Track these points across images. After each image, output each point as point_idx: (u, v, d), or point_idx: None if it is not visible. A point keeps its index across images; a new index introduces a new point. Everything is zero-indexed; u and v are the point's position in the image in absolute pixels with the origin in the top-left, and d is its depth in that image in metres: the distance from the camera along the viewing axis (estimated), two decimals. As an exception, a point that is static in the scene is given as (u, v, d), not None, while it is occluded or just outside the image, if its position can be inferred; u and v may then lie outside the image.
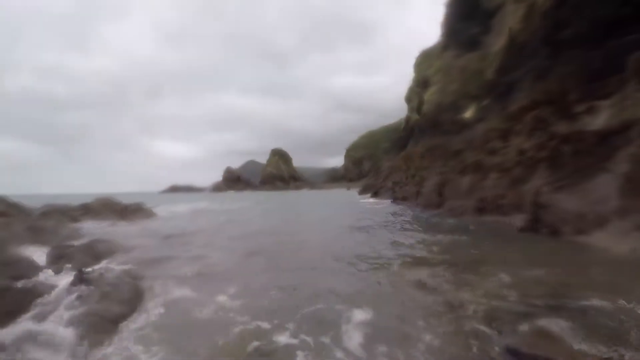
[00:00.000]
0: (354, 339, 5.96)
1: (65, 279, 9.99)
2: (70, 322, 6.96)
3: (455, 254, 11.59)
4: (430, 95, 56.40)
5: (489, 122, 29.91)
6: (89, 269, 10.08)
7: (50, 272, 10.93)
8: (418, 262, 10.58)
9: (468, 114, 41.98)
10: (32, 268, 10.66)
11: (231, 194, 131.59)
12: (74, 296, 8.04)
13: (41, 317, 7.31)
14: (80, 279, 8.99)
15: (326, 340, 5.96)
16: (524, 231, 14.57)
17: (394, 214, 25.76)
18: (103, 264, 12.05)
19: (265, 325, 6.78)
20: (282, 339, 6.14)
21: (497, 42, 38.32)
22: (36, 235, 16.87)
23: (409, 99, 75.82)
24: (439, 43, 65.26)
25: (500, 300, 7.22)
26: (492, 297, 7.42)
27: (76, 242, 14.82)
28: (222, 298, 8.77)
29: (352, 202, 45.71)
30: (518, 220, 15.48)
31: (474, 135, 29.71)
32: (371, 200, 46.85)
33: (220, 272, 11.44)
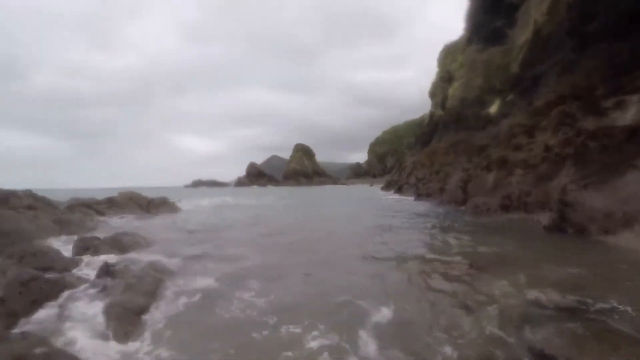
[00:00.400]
0: (369, 344, 5.84)
1: (90, 271, 10.20)
2: (95, 313, 7.13)
3: (478, 252, 11.42)
4: (454, 90, 55.88)
5: (514, 117, 29.50)
6: (114, 262, 10.20)
7: (76, 263, 11.11)
8: (440, 260, 10.41)
9: (493, 109, 41.48)
10: (59, 259, 10.86)
11: (254, 189, 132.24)
12: (99, 288, 8.27)
13: (67, 308, 7.46)
14: (106, 271, 9.14)
15: (346, 344, 5.85)
16: (549, 230, 14.30)
17: (417, 210, 25.59)
18: (128, 256, 12.27)
19: (294, 329, 6.69)
20: (313, 343, 6.04)
21: (521, 36, 37.76)
22: (62, 227, 17.21)
23: (432, 93, 75.27)
24: (463, 37, 64.66)
25: (524, 301, 7.07)
26: (515, 298, 7.29)
27: (101, 235, 14.99)
28: (246, 293, 8.85)
29: (375, 198, 45.60)
30: (543, 218, 15.21)
31: (499, 131, 29.36)
32: (394, 196, 46.59)
33: (245, 266, 11.52)
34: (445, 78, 66.84)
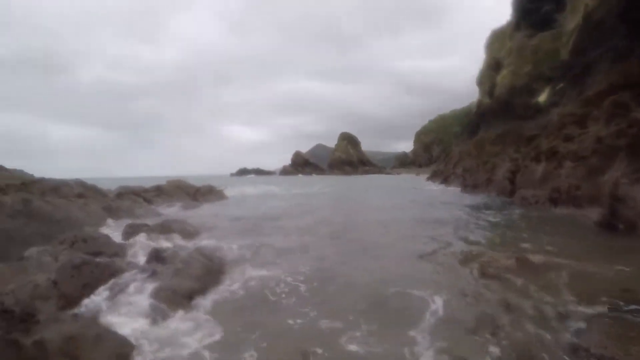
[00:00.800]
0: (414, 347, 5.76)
1: (140, 257, 10.52)
2: (144, 296, 7.34)
3: (525, 247, 11.25)
4: (502, 77, 54.79)
5: (564, 106, 28.87)
6: (163, 247, 10.42)
7: (125, 249, 11.42)
8: (486, 253, 10.29)
9: (542, 97, 40.65)
10: (109, 245, 11.17)
11: (300, 178, 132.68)
12: (148, 272, 8.46)
13: (117, 291, 7.68)
14: (155, 256, 9.39)
15: (386, 350, 5.81)
16: (599, 226, 13.78)
17: (463, 202, 25.32)
18: (176, 242, 12.57)
19: (334, 324, 6.68)
20: (351, 347, 5.91)
21: (571, 21, 36.80)
22: (112, 215, 17.67)
23: (480, 81, 73.85)
24: (511, 22, 63.35)
25: (569, 299, 6.97)
26: (560, 295, 7.20)
27: (150, 222, 15.37)
28: (293, 282, 8.99)
29: (421, 188, 45.25)
30: (593, 213, 14.75)
31: (549, 121, 28.72)
32: (440, 187, 46.15)
33: (292, 254, 11.71)
34: (492, 65, 65.54)
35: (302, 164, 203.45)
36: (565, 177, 18.98)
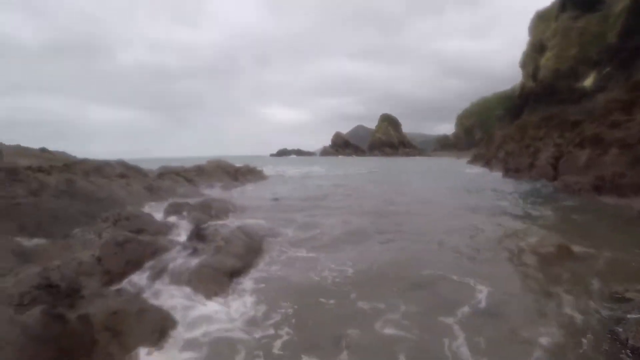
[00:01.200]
0: (453, 339, 5.70)
1: (181, 235, 10.76)
2: (185, 273, 7.49)
3: (566, 234, 11.05)
4: (546, 60, 53.48)
5: (610, 91, 28.17)
6: (204, 225, 10.56)
7: (167, 227, 11.62)
8: (527, 241, 10.17)
9: (588, 82, 39.59)
10: (151, 223, 11.45)
11: (340, 159, 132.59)
12: (189, 250, 8.58)
13: (159, 268, 7.87)
14: (196, 234, 9.52)
15: (421, 337, 5.78)
16: (645, 216, 13.44)
17: (506, 188, 24.97)
18: (217, 221, 12.65)
19: (374, 304, 6.75)
20: (387, 330, 5.94)
21: (619, 2, 35.75)
22: (153, 194, 17.93)
23: (523, 64, 72.27)
24: (556, 3, 61.77)
25: (609, 289, 6.85)
26: (601, 284, 7.11)
27: (191, 201, 15.55)
28: (334, 262, 9.10)
29: (462, 172, 44.75)
30: (638, 203, 14.43)
31: (594, 106, 28.07)
32: (482, 170, 45.58)
33: (334, 235, 11.81)
34: (537, 47, 63.98)
35: (342, 145, 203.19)
36: (610, 164, 18.53)
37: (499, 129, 73.94)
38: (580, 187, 19.85)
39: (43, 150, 30.63)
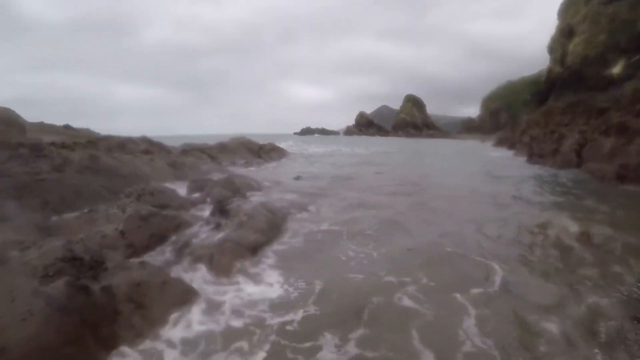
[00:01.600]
0: (467, 319, 5.71)
1: (204, 210, 10.84)
2: (208, 247, 7.53)
3: (588, 221, 10.91)
4: (575, 46, 52.56)
5: (639, 80, 27.67)
6: (227, 201, 10.65)
7: (190, 202, 11.75)
8: (551, 225, 10.08)
9: (616, 69, 38.83)
10: (174, 198, 11.61)
11: (363, 139, 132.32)
12: (212, 225, 8.72)
13: (182, 242, 8.00)
14: (219, 209, 9.60)
15: (438, 314, 5.82)
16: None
17: (529, 173, 24.74)
18: (240, 197, 12.68)
19: (395, 278, 6.86)
20: (406, 301, 6.09)
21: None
22: (177, 170, 18.05)
23: (551, 49, 71.02)
24: (586, -13, 60.68)
25: (630, 272, 6.86)
26: (622, 274, 6.96)
27: (214, 177, 15.69)
28: (357, 238, 9.23)
29: (487, 155, 44.33)
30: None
31: (622, 94, 27.59)
32: (505, 154, 45.20)
33: (356, 212, 11.87)
34: (565, 32, 62.89)
35: (366, 125, 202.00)
36: (635, 154, 18.26)
37: (525, 113, 73.12)
38: (604, 175, 19.60)
39: (67, 127, 30.85)
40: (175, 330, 5.17)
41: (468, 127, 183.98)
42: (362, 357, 4.72)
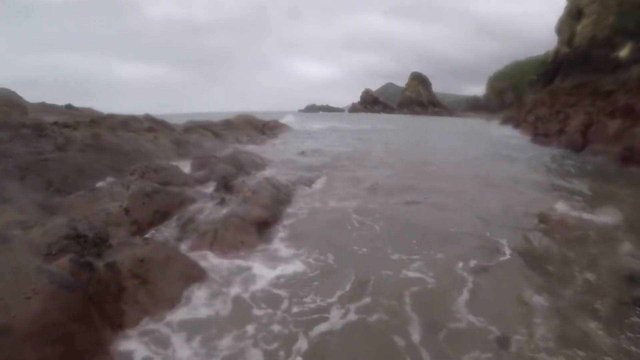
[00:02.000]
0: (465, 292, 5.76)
1: (208, 187, 10.87)
2: (213, 223, 7.51)
3: (590, 202, 10.87)
4: (583, 27, 52.11)
5: (646, 64, 27.50)
6: (231, 177, 10.65)
7: (194, 179, 11.76)
8: (552, 206, 10.05)
9: (623, 52, 38.47)
10: (178, 175, 11.59)
11: (369, 116, 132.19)
12: (217, 200, 8.70)
13: (186, 218, 8.02)
14: (224, 185, 9.58)
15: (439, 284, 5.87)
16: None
17: (534, 152, 24.71)
18: (244, 173, 12.79)
19: (399, 254, 6.94)
20: (410, 273, 6.23)
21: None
22: (180, 147, 18.06)
23: (559, 29, 70.46)
24: (597, -32, 60.10)
25: (629, 259, 6.74)
26: (621, 254, 6.98)
27: (219, 154, 15.63)
28: (360, 213, 9.33)
29: (492, 134, 44.37)
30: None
31: (629, 77, 27.43)
32: (511, 133, 45.14)
33: (360, 187, 12.01)
34: (573, 13, 62.36)
35: (371, 102, 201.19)
36: (640, 136, 18.21)
37: (531, 93, 72.84)
38: (608, 156, 19.57)
39: (69, 107, 30.83)
40: (180, 309, 5.15)
41: (473, 106, 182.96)
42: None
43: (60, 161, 11.51)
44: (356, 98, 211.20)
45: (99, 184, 10.26)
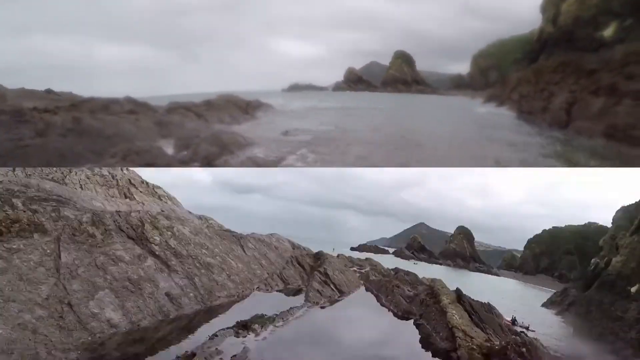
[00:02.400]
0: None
1: (193, 167, 10.90)
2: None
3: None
4: (568, 6, 51.97)
5: (629, 44, 27.57)
6: (215, 156, 10.80)
7: (178, 160, 11.86)
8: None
9: (608, 32, 38.56)
10: (161, 157, 11.70)
11: (352, 94, 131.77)
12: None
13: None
14: (207, 164, 9.75)
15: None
16: (654, 167, 13.35)
17: (519, 130, 24.96)
18: (228, 153, 12.78)
19: None
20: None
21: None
22: (163, 128, 18.01)
23: (544, 8, 70.21)
24: (583, -52, 59.67)
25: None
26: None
27: (202, 134, 15.63)
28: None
29: (476, 112, 44.59)
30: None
31: (612, 56, 27.54)
32: (496, 110, 45.23)
33: (342, 160, 12.03)
34: (559, -7, 62.37)
35: (354, 81, 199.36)
36: (624, 114, 18.36)
37: (515, 72, 72.72)
38: (591, 133, 19.76)
39: (49, 91, 30.65)
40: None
41: (457, 84, 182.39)
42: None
43: (41, 147, 11.47)
44: (340, 77, 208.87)
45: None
